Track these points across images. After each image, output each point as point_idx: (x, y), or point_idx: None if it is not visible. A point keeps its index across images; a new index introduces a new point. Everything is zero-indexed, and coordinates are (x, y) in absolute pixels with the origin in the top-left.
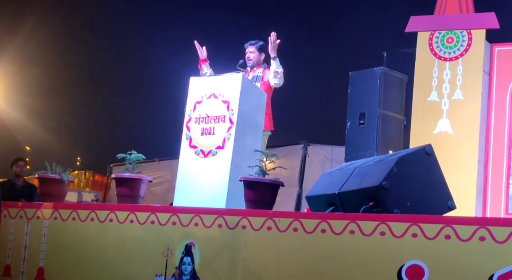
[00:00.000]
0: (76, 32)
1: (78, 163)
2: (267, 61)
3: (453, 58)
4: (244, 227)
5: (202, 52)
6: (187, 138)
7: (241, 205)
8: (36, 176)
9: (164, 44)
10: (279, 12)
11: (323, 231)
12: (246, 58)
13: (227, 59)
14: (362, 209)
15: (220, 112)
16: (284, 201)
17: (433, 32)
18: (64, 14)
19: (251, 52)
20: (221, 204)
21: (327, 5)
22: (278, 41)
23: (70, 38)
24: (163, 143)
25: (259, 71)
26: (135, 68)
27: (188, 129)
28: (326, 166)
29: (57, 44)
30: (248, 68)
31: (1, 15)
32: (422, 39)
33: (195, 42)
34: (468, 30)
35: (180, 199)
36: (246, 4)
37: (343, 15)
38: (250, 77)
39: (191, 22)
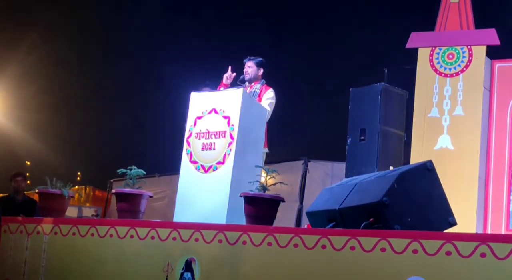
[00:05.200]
0: (77, 48)
1: (78, 178)
2: (265, 78)
3: (454, 74)
4: (244, 242)
5: (230, 78)
6: (187, 153)
7: (242, 220)
8: (37, 191)
9: (165, 60)
10: (279, 29)
11: (324, 247)
12: (244, 72)
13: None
14: (362, 225)
15: (220, 127)
16: (285, 216)
17: (433, 48)
18: (64, 30)
19: (249, 66)
20: (221, 219)
21: (328, 22)
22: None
23: (70, 54)
24: (164, 158)
25: (256, 87)
26: (136, 83)
27: (189, 144)
28: (327, 182)
29: (57, 60)
30: (247, 83)
31: (1, 31)
32: (423, 55)
33: (230, 67)
34: (469, 46)
35: (180, 214)
36: (248, 20)
37: (344, 31)
38: (249, 92)
39: (192, 37)
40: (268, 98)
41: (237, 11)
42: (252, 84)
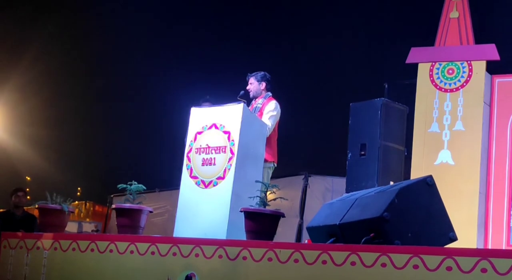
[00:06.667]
0: (77, 63)
1: (78, 193)
2: (271, 90)
3: (454, 89)
4: (244, 258)
5: None
6: (187, 169)
7: (242, 236)
8: (37, 206)
9: (166, 74)
10: (279, 43)
11: (324, 262)
12: (246, 89)
13: (227, 90)
14: (363, 240)
15: (220, 142)
16: (285, 232)
17: (433, 63)
18: (65, 44)
19: (251, 83)
20: (221, 234)
21: (329, 36)
22: None
23: (71, 68)
24: (164, 173)
25: (259, 102)
26: (136, 98)
27: (189, 159)
28: (327, 197)
29: (58, 74)
30: (252, 101)
31: (2, 45)
32: (423, 70)
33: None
34: (469, 62)
35: (180, 230)
36: (246, 35)
37: (344, 46)
38: (252, 108)
39: (192, 52)
40: (269, 111)
41: (238, 24)
42: (256, 99)
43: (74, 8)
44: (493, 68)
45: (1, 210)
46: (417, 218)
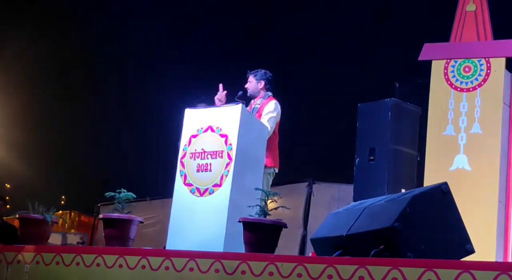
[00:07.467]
0: (62, 63)
1: (62, 202)
2: (272, 90)
3: (471, 89)
4: (243, 272)
5: (223, 99)
6: (181, 175)
7: (240, 248)
8: (17, 216)
9: (157, 76)
10: (282, 41)
11: (330, 276)
12: (245, 87)
13: (225, 90)
14: (372, 253)
15: (217, 147)
16: (287, 244)
17: (448, 60)
18: (48, 44)
19: (249, 81)
20: (218, 247)
21: (333, 31)
22: None
23: (55, 69)
24: (156, 180)
25: (258, 102)
26: (125, 100)
27: (183, 165)
28: (333, 205)
29: (41, 76)
30: (252, 101)
31: None
32: (437, 68)
33: (220, 86)
34: (487, 59)
35: (173, 242)
36: (246, 34)
37: (351, 41)
38: (251, 109)
39: (187, 53)
40: (268, 112)
41: (237, 22)
42: (255, 99)
43: (55, 7)
44: None
45: None
46: (431, 228)
